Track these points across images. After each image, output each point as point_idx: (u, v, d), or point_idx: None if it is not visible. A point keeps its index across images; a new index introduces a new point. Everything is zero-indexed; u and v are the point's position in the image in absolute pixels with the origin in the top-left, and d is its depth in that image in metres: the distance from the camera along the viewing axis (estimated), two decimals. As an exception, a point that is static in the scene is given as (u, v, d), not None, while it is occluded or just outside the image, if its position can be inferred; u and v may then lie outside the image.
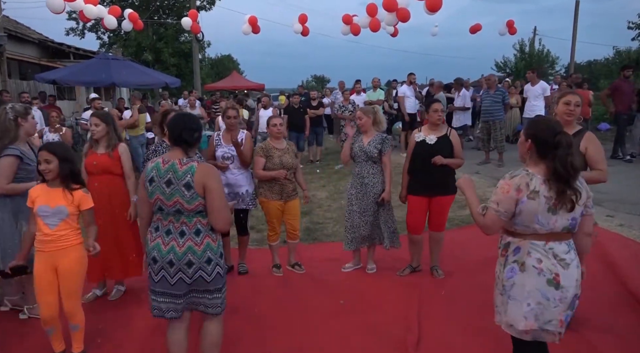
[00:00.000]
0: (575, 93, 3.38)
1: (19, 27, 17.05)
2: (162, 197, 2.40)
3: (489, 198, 7.20)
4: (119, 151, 3.77)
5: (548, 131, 2.18)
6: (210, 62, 38.69)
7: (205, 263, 2.43)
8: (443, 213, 4.24)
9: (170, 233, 2.42)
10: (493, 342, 3.18)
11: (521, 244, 2.25)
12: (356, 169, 4.30)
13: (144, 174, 2.50)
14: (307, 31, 11.18)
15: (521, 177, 2.19)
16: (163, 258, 2.41)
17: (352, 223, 4.28)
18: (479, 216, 2.29)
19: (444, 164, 4.00)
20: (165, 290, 2.45)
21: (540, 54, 31.51)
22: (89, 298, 3.90)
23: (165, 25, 25.06)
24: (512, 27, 12.14)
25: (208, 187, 2.38)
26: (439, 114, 4.09)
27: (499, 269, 2.36)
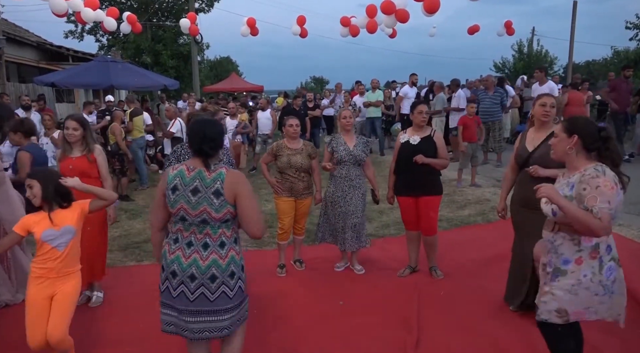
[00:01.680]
0: (551, 95, 3.55)
1: (17, 30, 17.06)
2: (186, 206, 2.27)
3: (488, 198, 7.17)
4: (95, 154, 3.74)
5: (593, 126, 2.34)
6: (209, 64, 38.69)
7: (229, 277, 2.32)
8: (431, 215, 4.21)
9: (192, 245, 2.30)
10: (491, 343, 3.19)
11: (609, 241, 2.32)
12: (342, 172, 4.31)
13: (163, 182, 2.36)
14: (306, 33, 11.22)
15: (609, 171, 2.24)
16: (184, 272, 2.28)
17: (337, 225, 4.33)
18: (596, 222, 2.14)
19: (426, 163, 4.05)
20: (182, 307, 2.32)
21: (539, 55, 31.55)
22: (81, 299, 3.87)
23: (164, 27, 25.05)
24: (510, 28, 12.19)
25: (240, 194, 2.28)
26: (423, 115, 4.15)
27: (591, 272, 2.30)
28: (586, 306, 2.34)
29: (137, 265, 4.82)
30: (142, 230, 5.91)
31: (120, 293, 4.09)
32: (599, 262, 2.29)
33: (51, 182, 2.77)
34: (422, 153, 4.06)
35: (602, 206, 2.16)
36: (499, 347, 3.16)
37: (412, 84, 11.20)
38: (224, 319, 2.34)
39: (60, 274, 2.76)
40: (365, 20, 9.73)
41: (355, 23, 10.24)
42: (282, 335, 3.36)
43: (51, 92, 15.16)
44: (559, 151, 2.40)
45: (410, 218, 4.29)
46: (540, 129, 3.40)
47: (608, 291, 2.31)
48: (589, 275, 2.29)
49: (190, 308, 2.31)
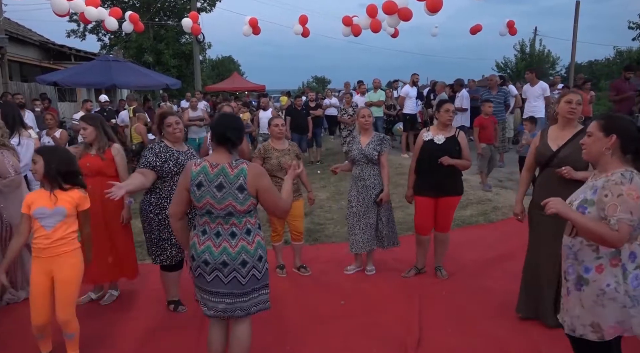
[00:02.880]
0: (577, 92, 3.38)
1: (20, 29, 17.10)
2: (212, 201, 2.41)
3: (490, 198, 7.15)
4: (113, 153, 3.72)
5: (633, 126, 2.15)
6: (211, 64, 38.74)
7: (257, 261, 2.49)
8: (449, 214, 4.23)
9: (220, 235, 2.45)
10: (493, 344, 3.19)
11: (632, 248, 2.10)
12: (356, 171, 4.28)
13: (187, 178, 2.47)
14: (308, 32, 11.20)
15: (638, 178, 2.06)
16: (216, 260, 2.43)
17: (353, 225, 4.27)
18: (611, 234, 1.99)
19: (451, 164, 4.00)
20: (218, 289, 2.47)
21: (541, 55, 31.54)
22: (83, 300, 3.89)
23: (166, 27, 25.08)
24: (512, 28, 12.14)
25: (262, 187, 2.44)
26: (449, 114, 4.08)
27: (614, 281, 2.11)
28: (618, 321, 2.12)
29: (140, 264, 4.81)
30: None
31: (134, 291, 4.11)
32: (622, 270, 2.09)
33: (55, 160, 2.81)
34: (447, 153, 3.99)
35: (622, 217, 1.99)
36: (501, 347, 3.15)
37: (413, 84, 11.19)
38: (256, 296, 2.55)
39: (52, 254, 2.78)
40: (368, 20, 9.72)
41: (358, 22, 10.22)
42: (283, 334, 3.36)
43: (53, 91, 15.18)
44: (594, 151, 2.20)
45: (425, 221, 4.19)
46: (565, 127, 3.26)
47: (637, 302, 2.08)
48: (612, 285, 2.10)
49: (223, 290, 2.47)
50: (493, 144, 7.64)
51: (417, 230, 4.33)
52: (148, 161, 3.42)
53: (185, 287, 3.81)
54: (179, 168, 3.44)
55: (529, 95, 9.04)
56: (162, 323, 3.57)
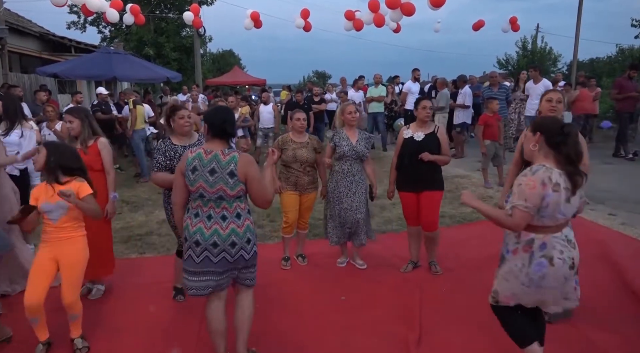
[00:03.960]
0: (557, 91, 3.57)
1: (20, 20, 16.99)
2: (205, 185, 2.57)
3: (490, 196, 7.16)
4: (99, 147, 3.67)
5: (556, 123, 2.47)
6: (212, 57, 38.60)
7: (246, 243, 2.64)
8: (433, 210, 4.21)
9: (212, 218, 2.59)
10: (493, 339, 3.18)
11: (546, 239, 2.42)
12: (344, 167, 4.27)
13: (183, 163, 2.64)
14: (310, 26, 11.15)
15: (543, 172, 2.35)
16: (206, 241, 2.57)
17: (342, 221, 4.29)
18: (506, 218, 2.40)
19: (431, 160, 4.05)
20: (208, 269, 2.60)
21: (543, 52, 31.43)
22: (82, 291, 3.89)
23: (167, 19, 24.98)
24: (515, 24, 12.10)
25: (249, 175, 2.59)
26: (427, 111, 4.15)
27: (521, 263, 2.48)
28: (512, 293, 2.54)
29: (139, 257, 4.83)
30: (144, 223, 5.90)
31: (122, 286, 4.09)
32: (529, 256, 2.44)
33: (56, 154, 2.93)
34: (427, 149, 4.05)
35: (517, 203, 2.34)
36: (501, 343, 3.14)
37: (415, 80, 11.13)
38: (246, 272, 2.74)
39: (59, 239, 2.93)
40: (370, 14, 9.67)
41: (360, 17, 10.17)
42: (283, 329, 3.36)
43: (53, 83, 15.12)
44: (526, 149, 2.55)
45: (412, 213, 4.30)
46: None
47: (534, 284, 2.45)
48: (519, 266, 2.48)
49: (213, 269, 2.61)
50: (498, 142, 7.60)
51: (407, 221, 4.42)
52: (159, 162, 3.49)
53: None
54: None
55: (532, 93, 9.02)
56: (162, 315, 3.57)
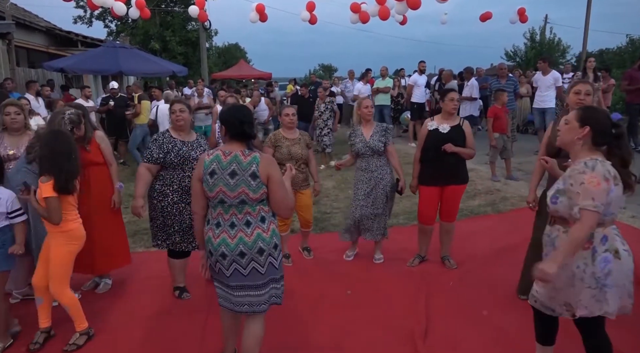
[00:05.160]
0: (586, 82, 3.36)
1: (26, 15, 17.02)
2: (225, 189, 2.39)
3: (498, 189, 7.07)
4: (97, 141, 3.65)
5: (608, 120, 2.27)
6: (218, 51, 38.55)
7: (273, 249, 2.47)
8: (455, 203, 4.20)
9: (235, 226, 2.42)
10: (501, 334, 3.17)
11: (606, 232, 2.25)
12: (362, 164, 4.23)
13: (200, 169, 2.46)
14: (315, 19, 11.08)
15: (601, 166, 2.18)
16: (233, 252, 2.40)
17: (361, 216, 4.24)
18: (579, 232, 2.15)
19: (455, 152, 3.96)
20: (241, 282, 2.44)
21: (551, 43, 31.04)
22: (88, 286, 3.94)
23: (173, 13, 24.95)
24: (523, 15, 11.94)
25: (271, 176, 2.41)
26: (454, 103, 4.04)
27: (585, 262, 2.24)
28: (586, 304, 2.27)
29: (145, 251, 4.84)
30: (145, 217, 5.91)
31: (129, 279, 4.11)
32: (591, 252, 2.23)
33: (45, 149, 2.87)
34: (452, 142, 3.95)
35: (584, 205, 2.14)
36: (509, 337, 3.14)
37: (421, 72, 11.04)
38: (276, 288, 2.54)
39: (48, 230, 2.97)
40: (376, 7, 9.58)
41: (366, 9, 10.09)
42: (289, 324, 3.36)
43: (60, 77, 15.18)
44: (567, 139, 2.33)
45: (430, 211, 4.19)
46: None
47: (600, 284, 2.22)
48: (581, 266, 2.24)
49: (246, 283, 2.44)
50: (506, 134, 7.52)
51: (420, 220, 4.31)
52: (152, 154, 3.46)
53: (191, 274, 3.81)
54: (180, 159, 3.47)
55: (540, 84, 8.90)
56: (168, 309, 3.58)
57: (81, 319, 3.08)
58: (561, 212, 2.30)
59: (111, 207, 3.69)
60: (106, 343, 3.12)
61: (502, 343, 3.08)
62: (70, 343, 3.03)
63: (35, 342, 3.01)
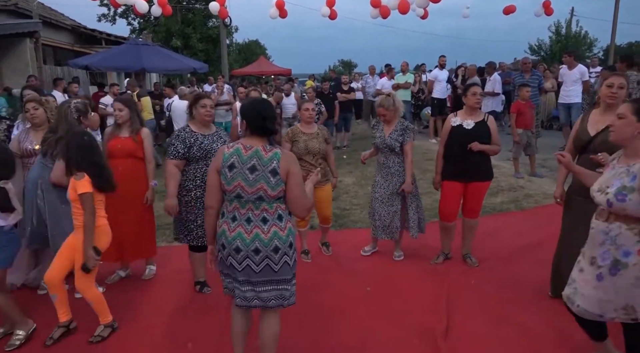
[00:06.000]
0: (620, 75, 3.25)
1: (53, 13, 17.44)
2: (243, 183, 2.35)
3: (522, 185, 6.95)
4: (142, 136, 3.82)
5: None
6: (238, 48, 38.79)
7: (289, 248, 2.43)
8: (478, 199, 4.15)
9: (251, 221, 2.37)
10: (524, 333, 3.11)
11: None
12: (381, 158, 4.24)
13: (218, 160, 2.42)
14: (335, 14, 11.00)
15: None
16: (248, 247, 2.36)
17: (374, 210, 4.27)
18: None
19: (481, 150, 3.90)
20: (252, 278, 2.41)
21: (577, 36, 30.27)
22: (112, 279, 4.01)
23: (194, 10, 25.19)
24: (548, 8, 11.63)
25: (291, 173, 2.37)
26: (477, 97, 3.98)
27: None
28: None
29: (167, 246, 4.91)
30: (173, 212, 6.00)
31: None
32: None
33: (72, 148, 2.91)
34: (477, 138, 3.89)
35: None
36: (531, 336, 3.07)
37: (441, 67, 10.88)
38: (288, 288, 2.49)
39: (75, 225, 3.00)
40: (396, 1, 9.47)
41: (386, 4, 9.97)
42: (307, 319, 3.35)
43: (85, 75, 15.49)
44: (624, 134, 2.24)
45: (450, 207, 4.14)
46: (606, 111, 3.14)
47: None
48: None
49: (256, 279, 2.41)
50: (530, 130, 7.35)
51: (442, 217, 4.25)
52: (177, 150, 3.50)
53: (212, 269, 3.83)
54: (202, 152, 3.52)
55: (566, 79, 8.67)
56: (189, 303, 3.63)
57: (105, 313, 3.14)
58: (630, 210, 2.18)
59: (144, 203, 3.84)
60: (129, 335, 3.17)
61: (525, 342, 3.02)
62: (95, 335, 3.09)
63: (50, 337, 3.05)
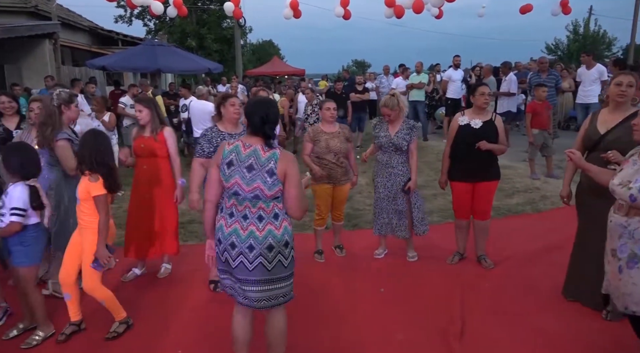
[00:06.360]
0: (628, 73, 3.25)
1: (71, 15, 17.72)
2: (241, 182, 2.36)
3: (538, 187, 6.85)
4: (165, 135, 3.91)
5: None
6: (252, 48, 38.98)
7: (284, 247, 2.41)
8: (487, 200, 4.11)
9: (247, 218, 2.38)
10: (539, 336, 3.07)
11: None
12: (384, 158, 4.21)
13: (218, 156, 2.44)
14: (349, 14, 10.98)
15: None
16: (243, 243, 2.36)
17: (380, 209, 4.27)
18: None
19: (489, 149, 3.88)
20: (245, 277, 2.39)
21: (596, 35, 29.77)
22: (128, 277, 4.07)
23: (209, 11, 25.38)
24: (566, 7, 11.44)
25: (288, 174, 2.37)
26: (485, 97, 3.98)
27: None
28: None
29: (182, 244, 4.94)
30: (186, 210, 6.03)
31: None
32: None
33: (86, 148, 2.95)
34: (484, 138, 3.88)
35: None
36: (548, 339, 3.03)
37: (456, 66, 10.79)
38: (280, 287, 2.44)
39: (80, 225, 3.04)
40: (411, 1, 9.42)
41: (401, 3, 9.93)
42: (320, 320, 3.36)
43: (102, 75, 15.73)
44: None
45: (464, 205, 4.14)
46: (615, 110, 3.18)
47: None
48: None
49: (250, 277, 2.39)
50: (547, 131, 7.26)
51: (456, 215, 4.26)
52: (203, 149, 3.56)
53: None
54: None
55: (584, 79, 8.55)
56: (204, 302, 3.65)
57: (118, 310, 3.17)
58: None
59: (174, 201, 3.96)
60: (144, 332, 3.21)
61: (541, 345, 2.98)
62: (111, 331, 3.13)
63: (62, 333, 3.10)
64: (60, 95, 3.50)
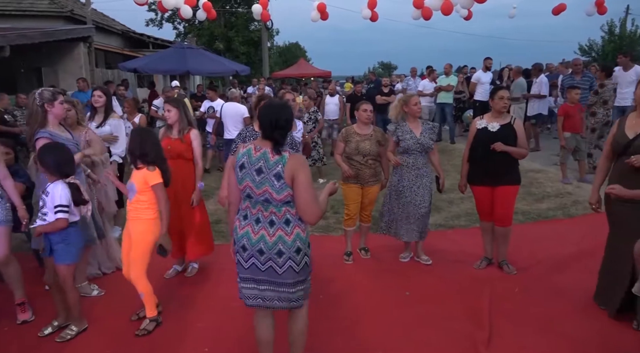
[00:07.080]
0: None
1: (105, 19, 18.29)
2: (251, 184, 2.38)
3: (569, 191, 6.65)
4: (191, 137, 3.94)
5: None
6: (278, 50, 39.31)
7: (295, 253, 2.39)
8: (508, 205, 4.01)
9: (260, 222, 2.40)
10: (570, 343, 2.99)
11: None
12: (409, 160, 4.18)
13: (234, 158, 2.49)
14: (376, 16, 10.94)
15: None
16: (253, 247, 2.39)
17: (406, 215, 4.20)
18: None
19: (505, 151, 3.83)
20: (258, 276, 2.42)
21: (633, 36, 28.74)
22: (170, 274, 4.18)
23: (237, 14, 25.75)
24: (601, 7, 11.09)
25: (296, 178, 2.33)
26: (504, 101, 3.93)
27: None
28: None
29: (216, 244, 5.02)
30: (214, 211, 6.13)
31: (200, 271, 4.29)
32: None
33: (136, 141, 3.13)
34: (502, 141, 3.84)
35: None
36: (578, 347, 2.95)
37: (486, 69, 10.59)
38: (293, 291, 2.44)
39: (130, 218, 3.21)
40: (439, 2, 9.31)
41: (429, 5, 9.83)
42: (344, 322, 3.35)
43: (133, 77, 16.15)
44: None
45: (485, 208, 4.09)
46: None
47: None
48: None
49: (261, 277, 2.43)
50: (580, 134, 7.05)
51: (480, 217, 4.22)
52: (237, 147, 3.58)
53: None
54: None
55: (621, 81, 8.24)
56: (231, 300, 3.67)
57: (153, 306, 3.26)
58: None
59: (202, 201, 4.02)
60: (172, 330, 3.27)
61: (570, 355, 2.90)
62: (141, 328, 3.21)
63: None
64: (43, 94, 3.42)
